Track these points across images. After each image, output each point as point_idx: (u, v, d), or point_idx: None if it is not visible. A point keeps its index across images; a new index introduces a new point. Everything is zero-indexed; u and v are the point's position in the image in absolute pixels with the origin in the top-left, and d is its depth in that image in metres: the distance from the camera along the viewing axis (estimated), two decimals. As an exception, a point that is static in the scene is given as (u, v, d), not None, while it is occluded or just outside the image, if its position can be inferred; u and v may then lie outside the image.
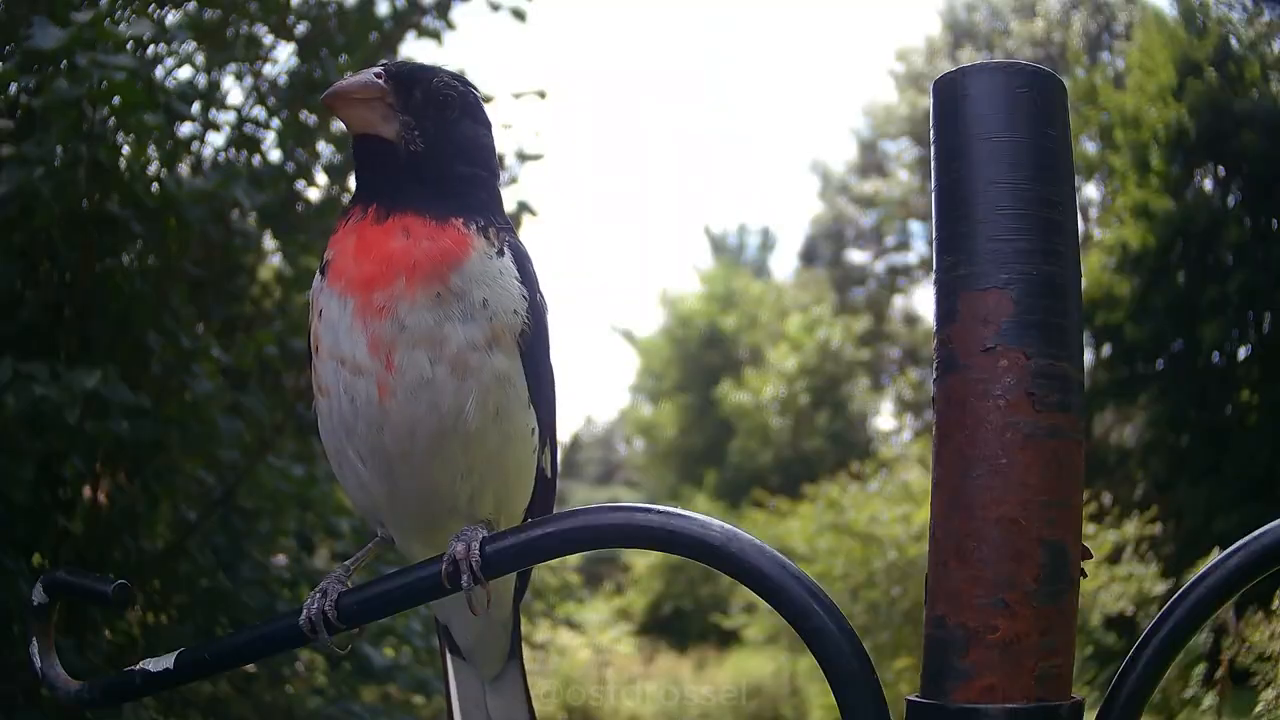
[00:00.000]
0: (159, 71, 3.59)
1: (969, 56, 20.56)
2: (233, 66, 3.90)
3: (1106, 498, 12.32)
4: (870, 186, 24.56)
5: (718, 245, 28.98)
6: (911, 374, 22.68)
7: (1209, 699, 6.18)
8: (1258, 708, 5.45)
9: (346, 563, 1.21)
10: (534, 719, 1.46)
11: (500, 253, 1.19)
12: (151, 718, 3.22)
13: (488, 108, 1.32)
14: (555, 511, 1.09)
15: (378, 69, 1.19)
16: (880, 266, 25.40)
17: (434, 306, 1.12)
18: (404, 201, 1.16)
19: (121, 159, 3.18)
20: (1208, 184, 13.65)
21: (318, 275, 1.21)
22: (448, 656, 1.45)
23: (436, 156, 1.21)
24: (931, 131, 0.92)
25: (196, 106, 3.65)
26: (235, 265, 4.10)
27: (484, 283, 1.15)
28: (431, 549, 1.22)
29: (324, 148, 4.09)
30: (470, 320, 1.14)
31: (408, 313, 1.12)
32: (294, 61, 3.93)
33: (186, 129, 3.74)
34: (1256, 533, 0.89)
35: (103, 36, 2.70)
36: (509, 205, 4.12)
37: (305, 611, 1.10)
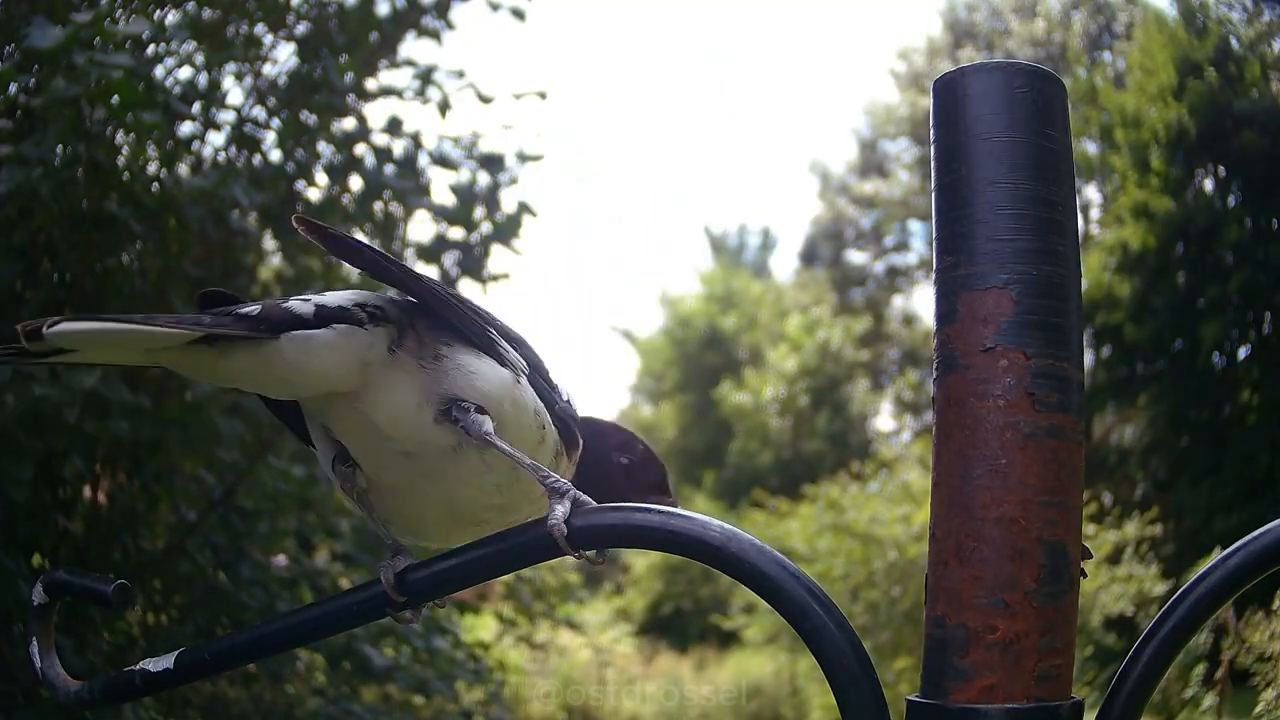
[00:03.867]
0: (159, 71, 3.59)
1: (969, 56, 20.55)
2: (233, 66, 3.90)
3: (1106, 498, 12.34)
4: (870, 186, 24.54)
5: (718, 245, 29.04)
6: (911, 374, 22.65)
7: (1209, 699, 6.19)
8: (1258, 708, 5.44)
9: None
10: None
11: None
12: (151, 718, 3.21)
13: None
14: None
15: None
16: (880, 267, 25.37)
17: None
18: None
19: (120, 158, 3.18)
20: (1208, 184, 13.64)
21: None
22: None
23: None
24: (931, 131, 0.92)
25: (196, 106, 3.65)
26: (235, 265, 4.09)
27: None
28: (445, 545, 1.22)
29: (324, 148, 4.09)
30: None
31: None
32: (294, 61, 3.94)
33: (186, 129, 3.74)
34: (1256, 533, 0.89)
35: (101, 35, 2.69)
36: (509, 206, 4.11)
37: (384, 579, 1.06)
